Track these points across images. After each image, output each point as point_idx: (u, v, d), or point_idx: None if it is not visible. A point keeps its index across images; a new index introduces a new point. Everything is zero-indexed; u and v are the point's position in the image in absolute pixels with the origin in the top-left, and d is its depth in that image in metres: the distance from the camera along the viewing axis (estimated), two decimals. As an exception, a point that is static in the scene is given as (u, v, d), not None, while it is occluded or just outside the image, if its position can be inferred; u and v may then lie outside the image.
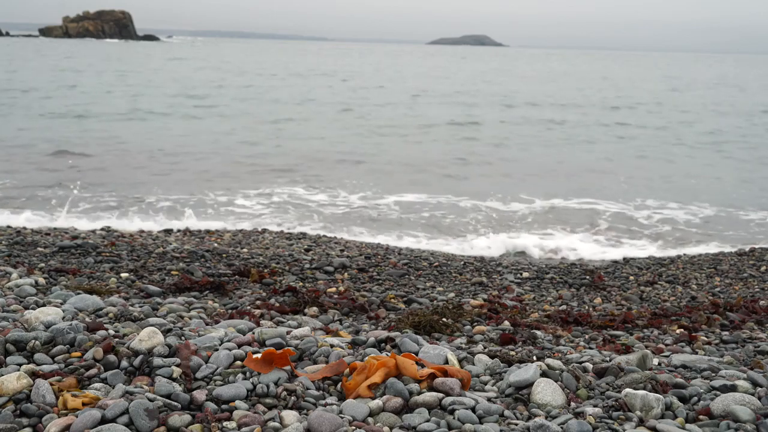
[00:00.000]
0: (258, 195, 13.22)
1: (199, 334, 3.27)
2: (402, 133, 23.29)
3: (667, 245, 10.71)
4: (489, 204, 13.12)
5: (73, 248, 6.91)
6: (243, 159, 17.38)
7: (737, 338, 4.73)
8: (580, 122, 27.82)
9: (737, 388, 2.89)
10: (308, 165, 16.90)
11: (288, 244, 8.53)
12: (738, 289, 6.94)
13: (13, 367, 2.68)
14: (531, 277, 7.24)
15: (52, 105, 26.79)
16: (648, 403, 2.66)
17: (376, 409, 2.55)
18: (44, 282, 4.99)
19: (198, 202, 12.39)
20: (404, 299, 5.79)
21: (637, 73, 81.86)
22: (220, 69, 57.93)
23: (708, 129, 26.60)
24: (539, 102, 36.30)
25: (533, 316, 5.39)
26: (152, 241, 8.17)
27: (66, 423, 2.26)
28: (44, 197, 12.19)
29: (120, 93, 32.85)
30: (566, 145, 21.80)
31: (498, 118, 28.42)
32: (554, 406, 2.69)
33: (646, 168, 18.22)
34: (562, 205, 13.24)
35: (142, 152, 17.61)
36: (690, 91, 50.86)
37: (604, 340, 4.53)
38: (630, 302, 6.31)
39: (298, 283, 6.19)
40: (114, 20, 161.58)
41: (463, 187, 14.67)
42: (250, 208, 12.24)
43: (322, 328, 4.23)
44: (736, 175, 17.45)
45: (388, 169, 16.67)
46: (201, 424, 2.38)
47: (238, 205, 12.35)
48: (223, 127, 22.98)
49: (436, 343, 3.55)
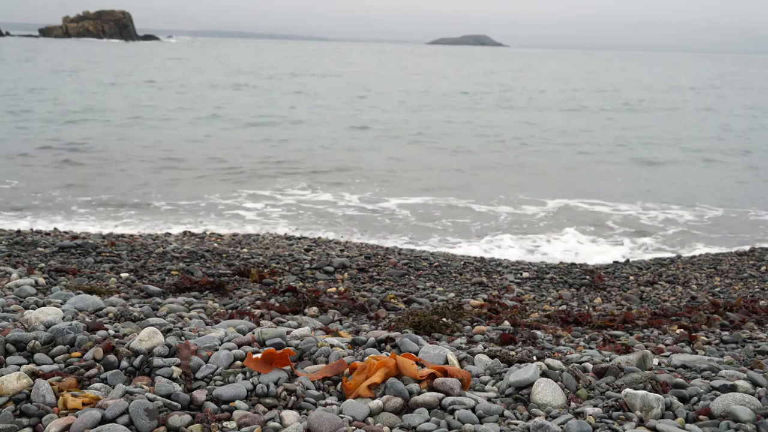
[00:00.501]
0: (261, 197, 13.21)
1: (199, 334, 3.27)
2: (404, 135, 23.28)
3: (671, 245, 10.72)
4: (493, 207, 13.12)
5: (73, 248, 6.91)
6: (244, 159, 17.39)
7: (737, 338, 4.73)
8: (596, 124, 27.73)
9: (737, 388, 2.89)
10: (311, 166, 16.91)
11: (288, 244, 8.53)
12: (738, 289, 6.94)
13: (13, 367, 2.68)
14: (531, 277, 7.24)
15: (52, 106, 26.78)
16: (648, 403, 2.66)
17: (376, 409, 2.55)
18: (44, 282, 4.98)
19: (197, 205, 12.39)
20: (404, 299, 5.79)
21: (657, 73, 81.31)
22: (238, 70, 57.80)
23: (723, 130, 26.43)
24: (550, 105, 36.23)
25: (533, 316, 5.39)
26: (152, 241, 8.17)
27: (66, 423, 2.26)
28: (44, 199, 12.18)
29: (119, 94, 32.84)
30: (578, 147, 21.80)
31: (505, 119, 28.42)
32: (554, 406, 2.69)
33: (654, 171, 18.22)
34: (569, 205, 13.24)
35: (141, 155, 17.61)
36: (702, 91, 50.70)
37: (604, 340, 4.53)
38: (630, 302, 6.31)
39: (298, 283, 6.19)
40: (114, 20, 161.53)
41: (468, 190, 14.66)
42: (256, 210, 12.22)
43: (322, 328, 4.22)
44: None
45: (391, 171, 16.66)
46: (201, 424, 2.38)
47: (245, 208, 12.33)
48: (227, 128, 22.99)
49: (436, 343, 3.55)
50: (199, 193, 13.13)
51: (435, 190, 14.30)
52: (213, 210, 11.96)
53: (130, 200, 12.36)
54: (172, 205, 12.13)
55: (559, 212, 12.69)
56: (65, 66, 53.23)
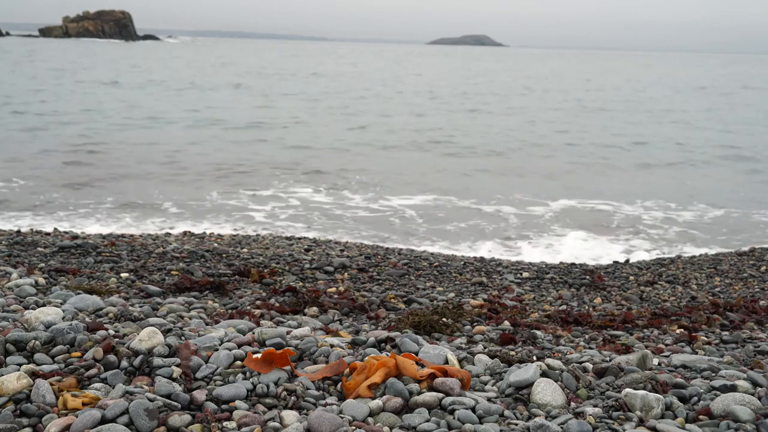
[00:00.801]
0: (264, 198, 13.21)
1: (199, 334, 3.27)
2: (406, 134, 23.29)
3: (672, 245, 10.72)
4: (494, 207, 13.11)
5: (73, 248, 6.91)
6: (244, 159, 17.39)
7: (737, 338, 4.73)
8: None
9: (737, 388, 2.89)
10: (313, 165, 16.92)
11: (288, 244, 8.53)
12: (738, 289, 6.94)
13: (13, 367, 2.68)
14: (531, 277, 7.24)
15: (52, 106, 26.79)
16: (648, 403, 2.66)
17: (376, 409, 2.55)
18: (44, 282, 4.98)
19: (197, 205, 12.39)
20: (404, 299, 5.79)
21: (665, 73, 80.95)
22: (238, 69, 57.74)
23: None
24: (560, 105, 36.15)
25: (533, 316, 5.38)
26: (152, 241, 8.17)
27: (66, 423, 2.26)
28: (44, 200, 12.19)
29: (120, 93, 32.84)
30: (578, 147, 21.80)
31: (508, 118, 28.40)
32: (554, 406, 2.69)
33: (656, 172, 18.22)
34: (570, 206, 13.24)
35: (141, 154, 17.61)
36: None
37: (604, 340, 4.53)
38: (630, 302, 6.31)
39: (298, 283, 6.19)
40: (114, 20, 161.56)
41: (469, 189, 14.66)
42: (261, 211, 12.21)
43: (322, 328, 4.22)
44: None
45: (395, 173, 16.66)
46: (201, 424, 2.38)
47: (248, 208, 12.33)
48: (227, 128, 22.98)
49: (436, 343, 3.54)
50: (200, 194, 13.13)
51: (436, 191, 14.32)
52: (213, 210, 11.96)
53: (130, 200, 12.36)
54: (172, 204, 12.13)
55: (561, 213, 12.69)
56: (65, 66, 53.22)
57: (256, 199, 12.96)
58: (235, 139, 20.71)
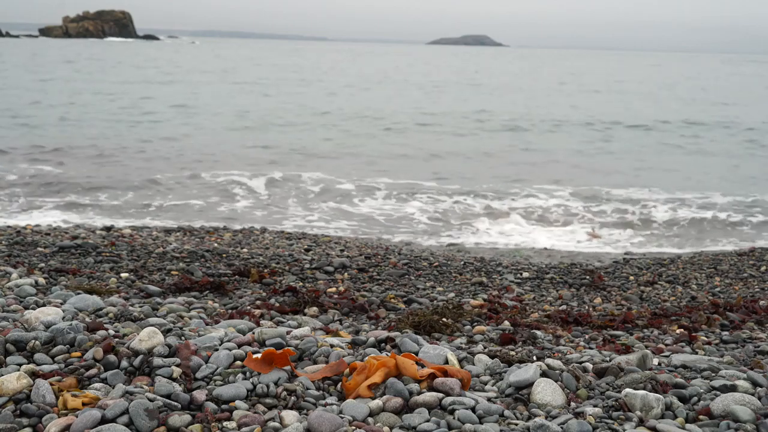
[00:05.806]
0: (262, 197, 13.21)
1: (199, 334, 3.27)
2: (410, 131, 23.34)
3: (671, 245, 10.72)
4: (493, 200, 13.11)
5: (73, 248, 6.91)
6: (244, 159, 17.39)
7: (737, 338, 4.73)
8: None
9: (737, 388, 2.89)
10: (313, 161, 16.94)
11: (288, 244, 8.53)
12: (738, 289, 6.94)
13: (13, 367, 2.68)
14: (531, 277, 7.24)
15: (51, 106, 26.78)
16: (648, 403, 2.66)
17: (376, 409, 2.55)
18: (44, 282, 4.99)
19: (198, 205, 12.39)
20: (404, 299, 5.79)
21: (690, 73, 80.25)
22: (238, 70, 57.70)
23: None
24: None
25: (533, 316, 5.38)
26: (152, 241, 8.17)
27: (66, 423, 2.27)
28: (44, 200, 12.19)
29: (120, 94, 32.85)
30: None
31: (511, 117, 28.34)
32: (554, 406, 2.69)
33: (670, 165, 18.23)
34: (570, 203, 13.24)
35: (142, 155, 17.61)
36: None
37: (604, 340, 4.53)
38: (630, 302, 6.31)
39: (298, 283, 6.19)
40: (114, 20, 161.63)
41: (471, 183, 14.70)
42: (259, 210, 12.22)
43: (322, 328, 4.22)
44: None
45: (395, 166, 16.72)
46: (201, 424, 2.38)
47: (248, 208, 12.32)
48: (229, 128, 22.98)
49: (436, 343, 3.55)
50: (201, 195, 13.12)
51: (440, 181, 14.48)
52: (213, 210, 11.95)
53: (130, 200, 12.36)
54: (173, 205, 12.12)
55: (562, 209, 12.68)
56: (66, 66, 53.21)
57: (258, 200, 12.95)
58: (237, 139, 20.67)
